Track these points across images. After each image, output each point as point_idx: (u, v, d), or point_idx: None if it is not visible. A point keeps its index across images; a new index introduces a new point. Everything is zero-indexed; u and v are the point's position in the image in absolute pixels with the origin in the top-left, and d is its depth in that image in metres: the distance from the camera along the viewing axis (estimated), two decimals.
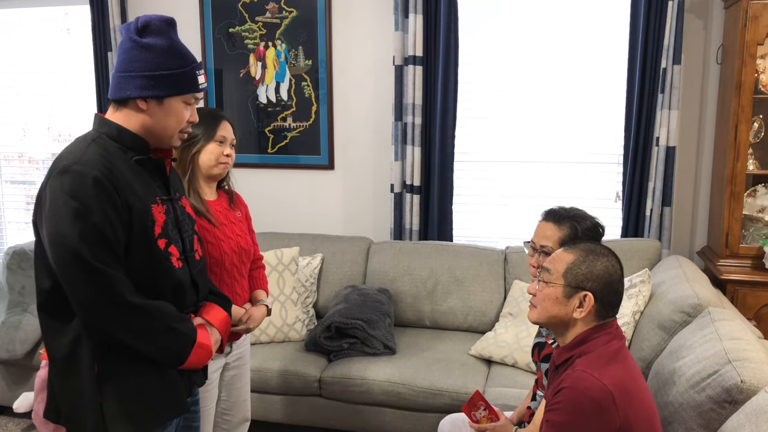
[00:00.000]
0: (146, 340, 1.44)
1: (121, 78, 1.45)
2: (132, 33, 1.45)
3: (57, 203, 1.35)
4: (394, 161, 3.33)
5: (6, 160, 4.15)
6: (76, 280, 1.36)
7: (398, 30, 3.23)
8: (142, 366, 1.47)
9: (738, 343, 1.77)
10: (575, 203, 3.23)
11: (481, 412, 1.92)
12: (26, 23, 3.95)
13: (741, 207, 2.82)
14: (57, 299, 1.44)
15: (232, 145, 2.10)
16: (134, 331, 1.42)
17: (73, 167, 1.36)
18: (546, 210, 1.90)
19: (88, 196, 1.35)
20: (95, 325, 1.40)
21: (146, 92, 1.44)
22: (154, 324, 1.44)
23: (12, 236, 4.22)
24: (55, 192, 1.36)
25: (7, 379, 3.16)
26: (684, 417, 1.72)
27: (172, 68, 1.46)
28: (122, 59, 1.46)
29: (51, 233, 1.36)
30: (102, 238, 1.36)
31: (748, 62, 2.72)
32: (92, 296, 1.37)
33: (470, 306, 3.11)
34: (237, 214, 2.17)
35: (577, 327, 1.54)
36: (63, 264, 1.36)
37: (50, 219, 1.36)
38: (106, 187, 1.37)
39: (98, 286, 1.36)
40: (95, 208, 1.35)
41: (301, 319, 3.08)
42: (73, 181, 1.35)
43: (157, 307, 1.46)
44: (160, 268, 1.49)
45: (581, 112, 3.27)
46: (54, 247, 1.36)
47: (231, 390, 2.21)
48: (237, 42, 3.59)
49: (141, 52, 1.44)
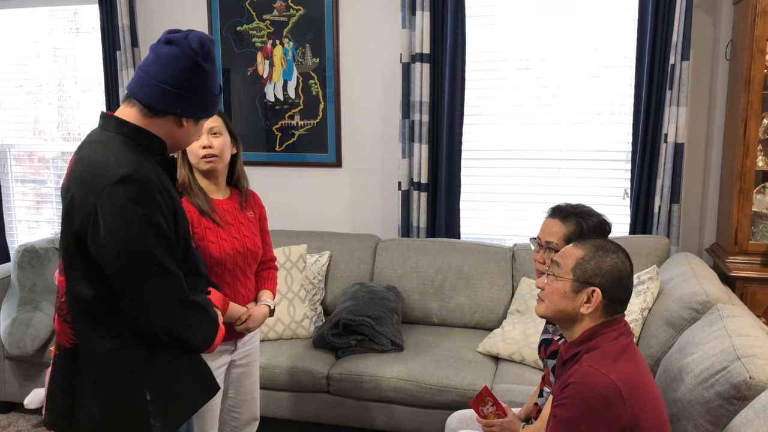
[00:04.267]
0: (197, 333, 1.52)
1: (170, 92, 1.45)
2: (195, 55, 1.45)
3: (123, 212, 1.36)
4: (402, 159, 3.33)
5: (16, 159, 4.19)
6: (150, 284, 1.41)
7: (405, 27, 3.23)
8: (181, 356, 1.55)
9: (747, 340, 1.76)
10: (583, 200, 3.24)
11: (489, 407, 1.92)
12: (36, 22, 3.98)
13: (750, 204, 2.81)
14: (101, 306, 1.46)
15: (214, 133, 2.00)
16: (192, 326, 1.49)
17: (136, 176, 1.38)
18: (552, 207, 1.91)
19: (152, 203, 1.40)
20: (161, 326, 1.45)
21: (195, 114, 1.52)
22: (203, 315, 1.53)
23: (23, 234, 4.25)
24: (118, 201, 1.36)
25: (18, 375, 3.19)
26: (692, 413, 1.71)
27: (214, 94, 1.55)
28: (176, 75, 1.45)
29: (119, 242, 1.37)
30: (168, 242, 1.43)
31: (758, 58, 2.70)
32: (164, 297, 1.43)
33: (478, 303, 3.11)
34: (248, 215, 2.14)
35: (584, 322, 1.54)
36: (135, 270, 1.39)
37: (117, 228, 1.36)
38: (163, 192, 1.43)
39: (170, 287, 1.43)
40: (159, 214, 1.41)
41: (309, 316, 3.09)
42: (138, 188, 1.38)
43: (203, 299, 1.56)
44: (192, 263, 1.57)
45: (589, 109, 3.26)
46: (123, 255, 1.37)
47: (239, 387, 2.21)
48: (245, 40, 3.60)
49: (199, 76, 1.48)
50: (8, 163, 4.18)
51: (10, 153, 4.17)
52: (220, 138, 2.02)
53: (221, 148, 2.02)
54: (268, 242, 2.25)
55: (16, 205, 4.24)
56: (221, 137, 2.02)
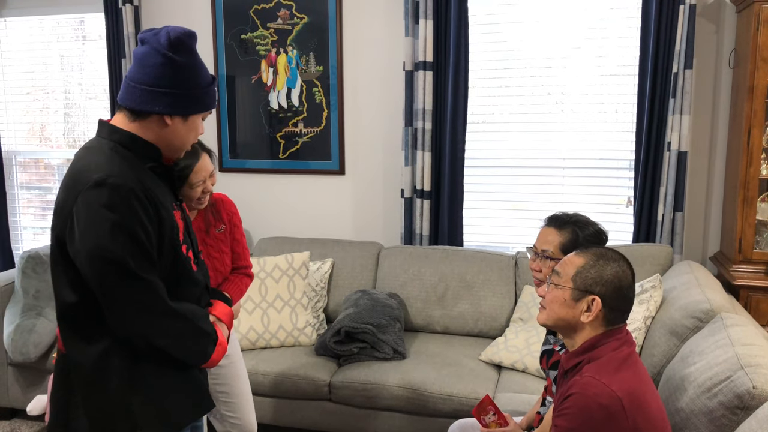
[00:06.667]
0: (181, 344, 1.47)
1: (147, 92, 1.42)
2: (164, 48, 1.42)
3: (95, 217, 1.34)
4: (405, 166, 3.33)
5: (22, 166, 4.21)
6: (120, 291, 1.37)
7: (409, 35, 3.24)
8: (171, 369, 1.50)
9: (750, 349, 1.75)
10: (586, 208, 3.24)
11: (491, 416, 1.92)
12: (43, 31, 4.01)
13: (754, 212, 2.80)
14: (84, 312, 1.44)
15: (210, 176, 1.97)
16: (172, 335, 1.45)
17: (109, 180, 1.36)
18: (549, 216, 1.92)
19: (126, 209, 1.36)
20: (137, 334, 1.41)
21: (176, 110, 1.45)
22: (187, 326, 1.48)
23: (28, 241, 4.27)
24: (91, 206, 1.35)
25: (21, 382, 3.19)
26: (695, 423, 1.70)
27: (199, 86, 1.47)
28: (149, 73, 1.42)
29: (91, 247, 1.35)
30: (142, 249, 1.38)
31: (761, 66, 2.70)
32: (137, 306, 1.39)
33: (480, 311, 3.11)
34: (218, 230, 2.10)
35: (585, 332, 1.53)
36: (106, 277, 1.36)
37: (89, 233, 1.35)
38: (141, 198, 1.38)
39: (143, 295, 1.39)
40: (134, 220, 1.36)
41: (311, 323, 3.09)
42: (111, 194, 1.35)
43: (189, 309, 1.50)
44: (184, 273, 1.52)
45: (593, 117, 3.26)
46: (94, 261, 1.35)
47: (232, 388, 2.20)
48: (249, 48, 3.62)
49: (173, 70, 1.42)
50: (14, 170, 4.21)
51: (16, 160, 4.20)
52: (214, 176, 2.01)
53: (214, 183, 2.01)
54: (241, 250, 2.17)
55: (21, 211, 4.26)
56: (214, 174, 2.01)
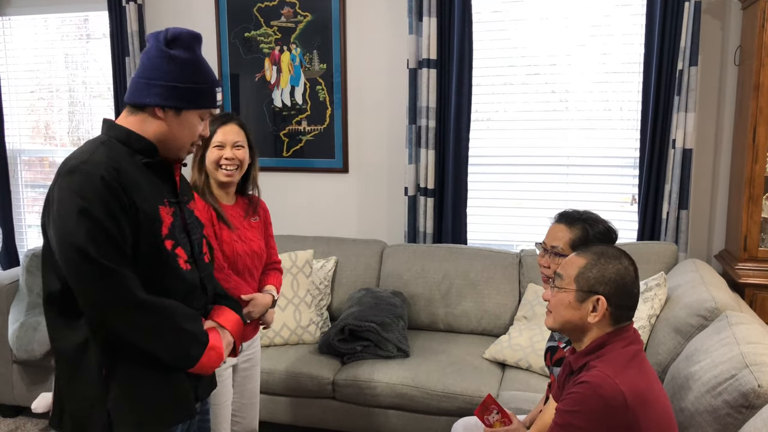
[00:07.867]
0: (154, 339, 1.44)
1: (143, 84, 1.48)
2: (161, 43, 1.47)
3: (64, 203, 1.37)
4: (408, 164, 3.33)
5: (27, 165, 4.22)
6: (84, 278, 1.36)
7: (412, 33, 3.23)
8: (151, 369, 1.47)
9: (755, 347, 1.74)
10: (591, 206, 3.22)
11: (494, 415, 1.91)
12: (48, 29, 4.02)
13: (760, 210, 2.78)
14: (65, 301, 1.44)
15: (237, 146, 2.07)
16: (143, 329, 1.42)
17: (81, 167, 1.38)
18: (559, 212, 1.91)
19: (95, 195, 1.36)
20: (104, 324, 1.41)
21: (167, 102, 1.47)
22: (163, 322, 1.44)
23: (33, 239, 4.28)
24: (63, 192, 1.38)
25: (26, 379, 3.21)
26: (700, 422, 1.70)
27: (195, 82, 1.50)
28: (146, 66, 1.48)
29: (59, 233, 1.37)
30: (108, 237, 1.37)
31: (766, 63, 2.68)
32: (100, 294, 1.37)
33: (484, 309, 3.10)
34: (253, 220, 2.20)
35: (593, 332, 1.53)
36: (71, 262, 1.36)
37: (58, 218, 1.38)
38: (113, 186, 1.38)
39: (106, 283, 1.37)
40: (102, 207, 1.36)
41: (314, 321, 3.09)
42: (81, 180, 1.37)
43: (167, 305, 1.46)
44: (168, 269, 1.50)
45: (597, 115, 3.25)
46: (62, 246, 1.37)
47: (243, 392, 2.23)
48: (252, 46, 3.62)
49: (167, 63, 1.46)
50: (18, 168, 4.22)
51: (20, 158, 4.21)
52: (242, 150, 2.09)
53: (243, 159, 2.09)
54: (273, 246, 2.30)
55: (26, 210, 4.27)
56: (243, 149, 2.09)
